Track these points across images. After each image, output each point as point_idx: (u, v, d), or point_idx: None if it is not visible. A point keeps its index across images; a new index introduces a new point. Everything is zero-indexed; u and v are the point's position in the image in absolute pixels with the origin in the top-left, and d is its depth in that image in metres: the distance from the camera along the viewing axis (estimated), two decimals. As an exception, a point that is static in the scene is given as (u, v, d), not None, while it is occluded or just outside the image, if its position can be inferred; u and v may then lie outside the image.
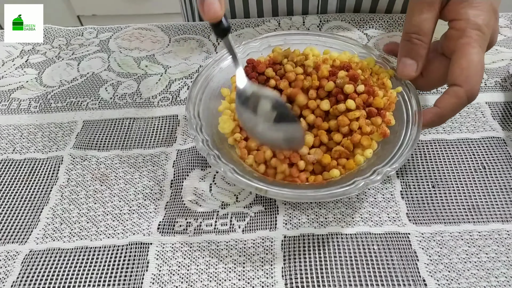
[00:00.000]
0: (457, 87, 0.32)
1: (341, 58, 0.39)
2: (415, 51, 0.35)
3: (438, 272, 0.32)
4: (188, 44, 0.53)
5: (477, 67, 0.32)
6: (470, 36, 0.33)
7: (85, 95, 0.48)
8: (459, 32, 0.33)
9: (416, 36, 0.34)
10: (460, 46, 0.33)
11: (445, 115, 0.33)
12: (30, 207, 0.38)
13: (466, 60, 0.32)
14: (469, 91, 0.32)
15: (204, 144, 0.34)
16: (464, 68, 0.32)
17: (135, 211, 0.37)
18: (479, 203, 0.36)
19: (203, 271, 0.33)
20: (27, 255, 0.35)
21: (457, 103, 0.33)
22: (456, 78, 0.32)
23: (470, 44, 0.32)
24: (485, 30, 0.33)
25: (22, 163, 0.41)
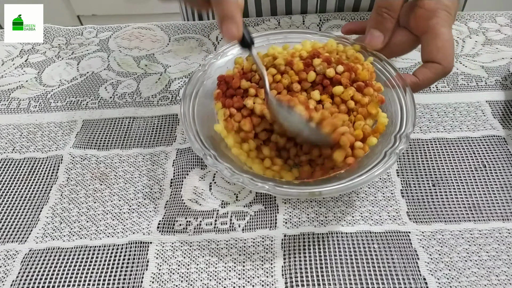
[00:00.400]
0: (436, 64, 0.35)
1: (306, 48, 0.40)
2: (384, 24, 0.37)
3: (439, 271, 0.32)
4: (187, 44, 0.53)
5: (451, 45, 0.36)
6: (440, 16, 0.36)
7: (85, 94, 0.48)
8: (430, 12, 0.36)
9: (386, 11, 0.37)
10: (433, 26, 0.36)
11: (421, 85, 0.36)
12: (30, 206, 0.38)
13: (440, 40, 0.35)
14: (447, 67, 0.35)
15: (199, 144, 0.34)
16: (440, 47, 0.35)
17: (135, 210, 0.37)
18: (480, 202, 0.36)
19: (203, 270, 0.33)
20: (27, 254, 0.35)
21: (434, 78, 0.36)
22: (434, 56, 0.36)
23: (442, 24, 0.35)
24: (452, 10, 0.36)
25: (22, 163, 0.41)
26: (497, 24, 0.52)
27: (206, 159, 0.33)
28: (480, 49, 0.50)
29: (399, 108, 0.36)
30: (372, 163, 0.32)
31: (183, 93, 0.38)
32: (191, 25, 0.55)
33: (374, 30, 0.38)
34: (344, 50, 0.40)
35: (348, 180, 0.31)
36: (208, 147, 0.34)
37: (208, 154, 0.33)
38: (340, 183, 0.31)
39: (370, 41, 0.38)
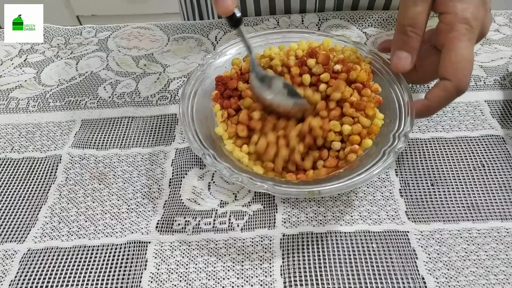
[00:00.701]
0: (446, 81, 0.33)
1: (302, 47, 0.40)
2: (409, 44, 0.35)
3: (437, 270, 0.32)
4: (187, 43, 0.53)
5: (466, 61, 0.33)
6: (458, 30, 0.33)
7: (84, 94, 0.48)
8: (448, 26, 0.34)
9: (411, 29, 0.35)
10: (449, 40, 0.33)
11: (433, 107, 0.34)
12: (29, 206, 0.38)
13: (454, 54, 0.33)
14: (457, 85, 0.33)
15: (198, 143, 0.34)
16: (453, 62, 0.33)
17: (133, 209, 0.37)
18: (478, 201, 0.36)
19: (201, 270, 0.33)
20: (25, 254, 0.35)
21: (445, 97, 0.33)
22: (445, 72, 0.33)
23: (459, 38, 0.33)
24: (473, 24, 0.33)
25: (21, 162, 0.41)
26: (496, 24, 0.53)
27: (205, 159, 0.33)
28: (478, 49, 0.50)
29: (397, 107, 0.36)
30: (371, 162, 0.32)
31: (182, 93, 0.38)
32: (190, 25, 0.55)
33: (400, 52, 0.35)
34: (342, 50, 0.40)
35: (347, 179, 0.31)
36: (207, 147, 0.34)
37: (207, 154, 0.33)
38: (339, 182, 0.31)
39: (396, 63, 0.36)
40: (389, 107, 0.36)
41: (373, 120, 0.36)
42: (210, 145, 0.34)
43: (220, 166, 0.32)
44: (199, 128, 0.35)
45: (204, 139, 0.35)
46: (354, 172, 0.32)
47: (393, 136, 0.34)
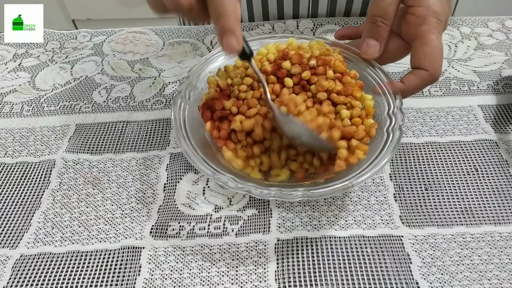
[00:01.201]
0: (423, 71, 0.35)
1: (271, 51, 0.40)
2: (379, 33, 0.37)
3: (431, 275, 0.32)
4: (182, 48, 0.53)
5: (439, 53, 0.36)
6: (430, 23, 0.35)
7: (78, 98, 0.48)
8: (420, 19, 0.36)
9: (381, 19, 0.36)
10: (422, 33, 0.35)
11: (408, 91, 0.36)
12: (22, 211, 0.38)
13: (429, 46, 0.35)
14: (434, 74, 0.35)
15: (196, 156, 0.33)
16: (428, 54, 0.35)
17: (127, 215, 0.37)
18: (472, 206, 0.36)
19: (196, 275, 0.33)
20: (18, 260, 0.34)
21: (421, 84, 0.36)
22: (421, 63, 0.35)
23: (430, 31, 0.35)
24: (442, 17, 0.36)
25: (14, 167, 0.41)
26: (489, 29, 0.53)
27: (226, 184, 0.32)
28: (472, 54, 0.50)
29: (381, 92, 0.37)
30: (380, 144, 0.33)
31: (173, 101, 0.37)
32: (185, 30, 0.56)
33: (370, 39, 0.38)
34: (310, 46, 0.40)
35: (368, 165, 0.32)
36: (204, 157, 0.33)
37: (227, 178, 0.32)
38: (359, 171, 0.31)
39: (366, 50, 0.38)
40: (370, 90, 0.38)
41: (364, 102, 0.37)
42: (203, 151, 0.34)
43: (225, 178, 0.32)
44: (192, 135, 0.35)
45: (196, 145, 0.34)
46: (369, 160, 0.32)
47: (388, 115, 0.34)
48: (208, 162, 0.33)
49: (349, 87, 0.37)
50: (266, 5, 0.55)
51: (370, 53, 0.38)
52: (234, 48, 0.32)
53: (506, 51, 0.50)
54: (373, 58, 0.39)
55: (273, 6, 0.55)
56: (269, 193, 0.31)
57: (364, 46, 0.38)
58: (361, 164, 0.33)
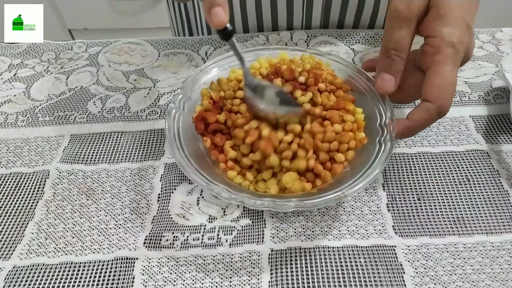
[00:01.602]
0: (429, 103, 0.33)
1: (264, 65, 0.41)
2: (394, 66, 0.36)
3: (424, 285, 0.32)
4: (177, 59, 0.54)
5: (449, 85, 0.33)
6: (444, 53, 0.33)
7: (73, 109, 0.48)
8: (434, 49, 0.34)
9: (395, 52, 0.35)
10: (434, 63, 0.34)
11: (415, 129, 0.35)
12: (15, 222, 0.38)
13: (439, 77, 0.33)
14: (439, 107, 0.33)
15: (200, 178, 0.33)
16: (436, 85, 0.33)
17: (121, 225, 0.37)
18: (464, 216, 0.37)
19: (189, 286, 0.33)
20: (10, 271, 0.34)
21: (427, 119, 0.34)
22: (428, 94, 0.34)
23: (444, 62, 0.33)
24: (458, 48, 0.34)
25: (8, 177, 0.41)
26: (480, 41, 0.54)
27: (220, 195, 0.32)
28: (463, 65, 0.51)
29: (373, 104, 0.37)
30: (372, 155, 0.33)
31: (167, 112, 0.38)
32: (180, 41, 0.56)
33: (384, 74, 0.36)
34: (302, 59, 0.41)
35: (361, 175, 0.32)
36: (197, 167, 0.34)
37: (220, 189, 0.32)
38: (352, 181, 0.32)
39: (381, 85, 0.37)
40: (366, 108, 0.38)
41: (355, 115, 0.37)
42: (197, 162, 0.34)
43: (218, 189, 0.32)
44: (186, 145, 0.35)
45: (191, 155, 0.35)
46: (361, 170, 0.32)
47: (380, 125, 0.35)
48: (202, 173, 0.33)
49: (341, 101, 0.37)
50: (261, 16, 0.56)
51: (385, 87, 0.36)
52: (222, 19, 0.32)
53: (497, 63, 0.51)
54: (388, 93, 0.37)
55: (267, 17, 0.56)
56: (263, 203, 0.31)
57: (379, 81, 0.37)
58: (354, 174, 0.33)
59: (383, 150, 0.34)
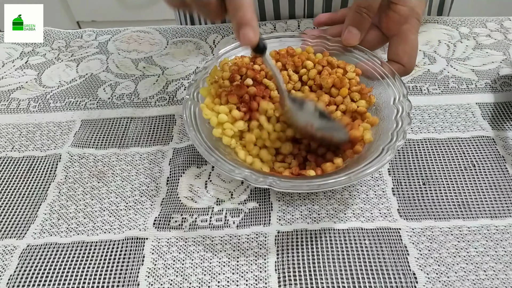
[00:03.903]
0: (399, 65, 0.39)
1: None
2: (362, 23, 0.40)
3: (428, 266, 0.33)
4: (185, 47, 0.54)
5: (416, 51, 0.40)
6: (411, 23, 0.39)
7: (84, 95, 0.49)
8: (403, 18, 0.39)
9: (366, 11, 0.39)
10: (403, 32, 0.39)
11: None
12: (28, 203, 0.39)
13: (408, 45, 0.39)
14: (409, 69, 0.40)
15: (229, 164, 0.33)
16: (407, 52, 0.39)
17: (131, 207, 0.38)
18: (469, 200, 0.37)
19: (197, 265, 0.34)
20: (25, 250, 0.35)
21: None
22: (400, 58, 0.40)
23: (411, 31, 0.39)
24: (421, 18, 0.40)
25: (21, 161, 0.42)
26: (487, 29, 0.54)
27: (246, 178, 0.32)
28: (470, 53, 0.51)
29: (395, 110, 0.37)
30: (370, 158, 0.33)
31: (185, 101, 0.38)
32: (188, 29, 0.57)
33: (353, 28, 0.40)
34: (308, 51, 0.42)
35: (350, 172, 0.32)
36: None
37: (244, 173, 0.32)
38: (345, 174, 0.32)
39: (347, 37, 0.40)
40: (384, 106, 0.38)
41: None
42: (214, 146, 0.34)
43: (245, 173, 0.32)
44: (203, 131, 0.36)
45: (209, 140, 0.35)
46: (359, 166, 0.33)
47: (391, 134, 0.35)
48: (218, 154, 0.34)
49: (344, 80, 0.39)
50: (263, 5, 0.56)
51: (351, 40, 0.40)
52: (251, 40, 0.32)
53: (504, 51, 0.51)
54: (352, 45, 0.41)
55: (269, 6, 0.56)
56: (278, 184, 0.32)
57: (346, 33, 0.40)
58: (367, 157, 0.33)
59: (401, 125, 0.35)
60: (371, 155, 0.33)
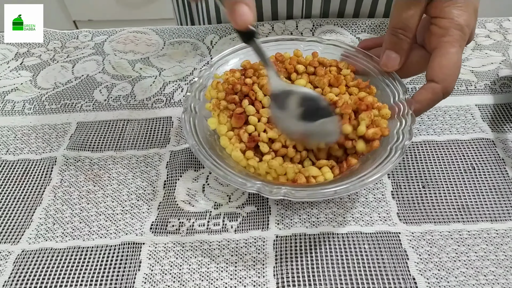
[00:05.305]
0: (435, 84, 0.34)
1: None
2: (400, 45, 0.36)
3: (428, 271, 0.33)
4: (182, 47, 0.54)
5: (455, 66, 0.34)
6: (452, 35, 0.34)
7: (79, 97, 0.48)
8: (442, 30, 0.35)
9: (402, 31, 0.36)
10: (442, 45, 0.34)
11: (420, 109, 0.35)
12: (23, 207, 0.38)
13: (446, 58, 0.34)
14: (445, 88, 0.34)
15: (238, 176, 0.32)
16: (443, 66, 0.34)
17: (128, 211, 0.37)
18: (469, 203, 0.37)
19: (195, 271, 0.33)
20: (19, 255, 0.35)
21: (433, 99, 0.34)
22: (435, 75, 0.34)
23: (452, 44, 0.34)
24: (466, 31, 0.35)
25: (16, 164, 0.41)
26: (487, 30, 0.54)
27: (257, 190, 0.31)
28: (470, 54, 0.50)
29: (396, 110, 0.36)
30: (379, 160, 0.32)
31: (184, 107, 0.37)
32: (185, 30, 0.56)
33: (390, 52, 0.37)
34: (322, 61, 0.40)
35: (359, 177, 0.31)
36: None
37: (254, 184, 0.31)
38: (353, 180, 0.31)
39: (386, 63, 0.37)
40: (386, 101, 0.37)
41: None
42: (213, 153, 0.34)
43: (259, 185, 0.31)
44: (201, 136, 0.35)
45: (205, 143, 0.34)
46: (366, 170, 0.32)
47: (396, 132, 0.34)
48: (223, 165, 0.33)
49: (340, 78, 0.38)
50: (260, 5, 0.55)
51: (390, 65, 0.37)
52: (247, 18, 0.29)
53: (504, 52, 0.50)
54: (393, 70, 0.37)
55: (267, 6, 0.56)
56: (278, 191, 0.30)
57: (384, 59, 0.37)
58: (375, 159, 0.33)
59: (405, 124, 0.33)
60: (379, 157, 0.33)
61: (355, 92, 0.38)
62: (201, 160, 0.32)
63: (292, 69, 0.39)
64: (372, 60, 0.40)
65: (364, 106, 0.35)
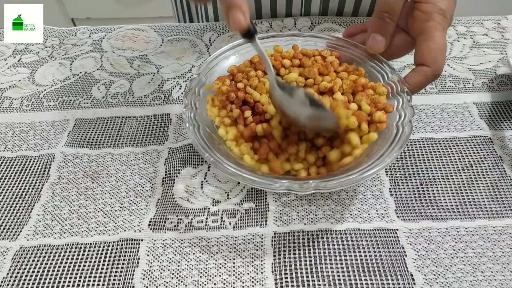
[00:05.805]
0: (426, 67, 0.36)
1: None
2: (385, 28, 0.37)
3: (426, 267, 0.33)
4: (180, 45, 0.54)
5: (443, 49, 0.36)
6: (435, 20, 0.36)
7: (78, 94, 0.48)
8: (426, 15, 0.36)
9: (388, 15, 0.37)
10: (427, 29, 0.36)
11: (413, 90, 0.36)
12: (21, 204, 0.38)
13: (433, 42, 0.35)
14: (435, 70, 0.36)
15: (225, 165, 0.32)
16: (432, 49, 0.35)
17: (126, 208, 0.37)
18: (466, 200, 0.37)
19: (193, 267, 0.33)
20: (18, 252, 0.35)
21: (424, 81, 0.36)
22: (425, 59, 0.36)
23: (436, 28, 0.36)
24: (447, 15, 0.36)
25: (14, 161, 0.41)
26: (485, 28, 0.54)
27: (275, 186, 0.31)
28: (467, 52, 0.51)
29: (390, 89, 0.37)
30: (390, 137, 0.33)
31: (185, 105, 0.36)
32: (184, 27, 0.56)
33: (376, 34, 0.38)
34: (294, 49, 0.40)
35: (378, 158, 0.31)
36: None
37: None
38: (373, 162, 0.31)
39: (372, 45, 0.38)
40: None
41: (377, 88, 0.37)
42: (214, 147, 0.33)
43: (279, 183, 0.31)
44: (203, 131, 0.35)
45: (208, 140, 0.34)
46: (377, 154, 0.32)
47: (397, 109, 0.34)
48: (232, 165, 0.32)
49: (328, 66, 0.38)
50: (259, 3, 0.55)
51: (376, 48, 0.38)
52: (241, 24, 0.31)
53: (501, 50, 0.51)
54: (378, 53, 0.39)
55: (266, 4, 0.56)
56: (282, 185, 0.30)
57: (370, 41, 0.38)
58: (372, 156, 0.32)
59: (403, 101, 0.34)
60: (388, 137, 0.33)
61: (345, 76, 0.38)
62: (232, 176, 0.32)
63: (279, 65, 0.39)
64: (355, 47, 0.41)
65: (360, 87, 0.36)
